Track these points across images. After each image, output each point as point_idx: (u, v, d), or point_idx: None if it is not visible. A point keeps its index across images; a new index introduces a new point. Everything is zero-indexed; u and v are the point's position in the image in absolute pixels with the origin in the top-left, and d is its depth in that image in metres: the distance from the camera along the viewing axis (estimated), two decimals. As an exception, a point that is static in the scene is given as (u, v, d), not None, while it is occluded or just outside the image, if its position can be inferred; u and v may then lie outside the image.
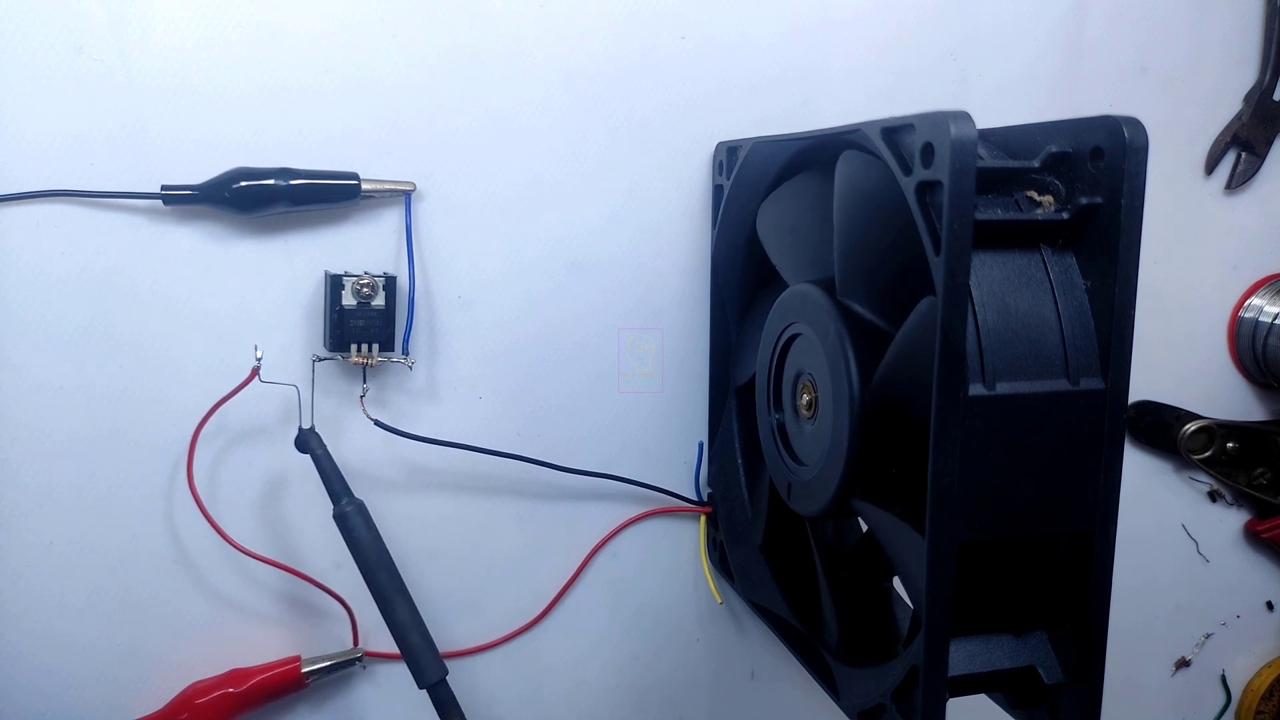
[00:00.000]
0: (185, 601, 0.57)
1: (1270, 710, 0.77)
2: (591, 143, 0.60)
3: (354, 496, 0.55)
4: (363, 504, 0.55)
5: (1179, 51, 0.69)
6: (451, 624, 0.62)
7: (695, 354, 0.63)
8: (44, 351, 0.53)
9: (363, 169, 0.56)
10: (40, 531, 0.55)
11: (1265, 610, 0.78)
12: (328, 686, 0.60)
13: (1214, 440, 0.73)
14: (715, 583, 0.65)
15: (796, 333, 0.49)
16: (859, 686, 0.47)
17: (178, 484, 0.56)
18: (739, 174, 0.57)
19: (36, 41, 0.51)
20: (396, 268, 0.57)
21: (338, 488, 0.54)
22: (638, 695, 0.66)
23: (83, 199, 0.53)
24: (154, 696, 0.57)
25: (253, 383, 0.53)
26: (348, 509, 0.54)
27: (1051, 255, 0.41)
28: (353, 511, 0.54)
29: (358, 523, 0.54)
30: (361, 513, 0.54)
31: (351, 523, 0.54)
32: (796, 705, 0.69)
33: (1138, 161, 0.38)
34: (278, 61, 0.55)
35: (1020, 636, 0.43)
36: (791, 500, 0.50)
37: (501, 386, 0.60)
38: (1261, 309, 0.72)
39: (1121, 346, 0.39)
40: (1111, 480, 0.40)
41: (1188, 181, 0.71)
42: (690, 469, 0.65)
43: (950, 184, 0.35)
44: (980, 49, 0.66)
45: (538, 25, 0.58)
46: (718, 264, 0.62)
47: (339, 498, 0.54)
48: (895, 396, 0.41)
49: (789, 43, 0.62)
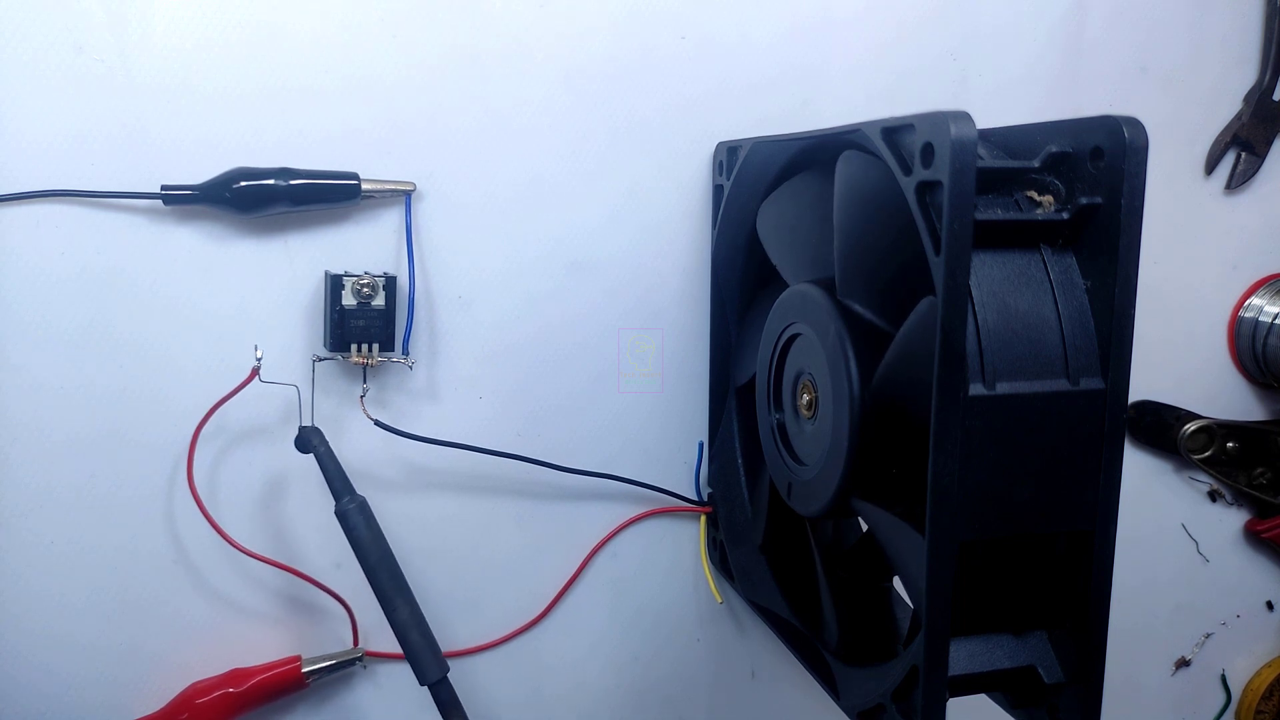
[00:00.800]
0: (185, 601, 0.57)
1: (1270, 710, 0.77)
2: (591, 143, 0.60)
3: (356, 494, 0.55)
4: (365, 501, 0.55)
5: (1179, 51, 0.69)
6: (451, 624, 0.62)
7: (695, 354, 0.63)
8: (44, 351, 0.53)
9: (363, 169, 0.56)
10: (40, 531, 0.55)
11: (1265, 610, 0.78)
12: (328, 686, 0.60)
13: (1214, 440, 0.72)
14: (715, 583, 0.65)
15: (797, 333, 0.49)
16: (859, 686, 0.47)
17: (178, 484, 0.56)
18: (739, 174, 0.57)
19: (36, 41, 0.51)
20: (396, 268, 0.57)
21: (339, 485, 0.54)
22: (638, 695, 0.66)
23: (83, 199, 0.53)
24: (154, 696, 0.57)
25: (253, 383, 0.53)
26: (349, 506, 0.54)
27: (1051, 255, 0.41)
28: (354, 509, 0.54)
29: (359, 520, 0.54)
30: (363, 510, 0.54)
31: (353, 520, 0.54)
32: (796, 705, 0.69)
33: (1138, 161, 0.38)
34: (278, 61, 0.55)
35: (1020, 636, 0.43)
36: (791, 500, 0.50)
37: (501, 386, 0.60)
38: (1261, 309, 0.72)
39: (1121, 346, 0.39)
40: (1111, 480, 0.40)
41: (1188, 181, 0.71)
42: (690, 469, 0.65)
43: (950, 184, 0.35)
44: (980, 49, 0.66)
45: (538, 25, 0.58)
46: (718, 264, 0.62)
47: (341, 495, 0.54)
48: (895, 396, 0.41)
49: (789, 43, 0.62)
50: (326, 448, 0.55)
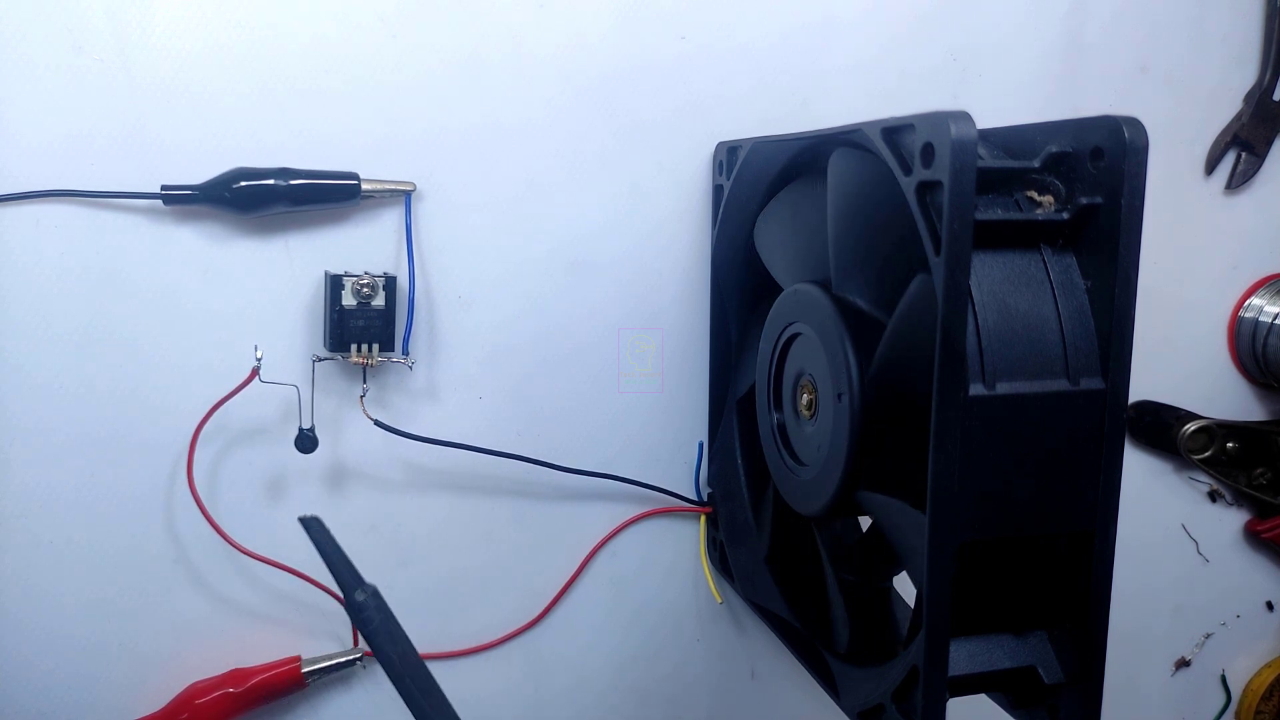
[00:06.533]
0: (185, 602, 0.57)
1: (1270, 710, 0.77)
2: (591, 143, 0.60)
3: (366, 583, 0.41)
4: (376, 590, 0.42)
5: (1179, 51, 0.69)
6: (451, 624, 0.62)
7: (695, 354, 0.63)
8: (44, 351, 0.53)
9: (363, 169, 0.56)
10: (40, 531, 0.55)
11: (1265, 610, 0.78)
12: (328, 686, 0.60)
13: (1214, 440, 0.72)
14: (715, 583, 0.65)
15: (796, 333, 0.49)
16: (859, 686, 0.47)
17: (178, 484, 0.56)
18: (739, 174, 0.57)
19: (36, 41, 0.51)
20: (396, 268, 0.57)
21: (347, 577, 0.41)
22: (638, 695, 0.66)
23: (83, 199, 0.53)
24: (154, 696, 0.57)
25: (253, 383, 0.53)
26: (359, 599, 0.41)
27: (1051, 255, 0.41)
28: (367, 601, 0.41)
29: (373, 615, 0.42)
30: (376, 599, 0.42)
31: (368, 615, 0.42)
32: (796, 705, 0.69)
33: (1138, 161, 0.38)
34: (278, 62, 0.55)
35: (1020, 636, 0.43)
36: (793, 501, 0.50)
37: (501, 386, 0.60)
38: (1261, 309, 0.72)
39: (1121, 346, 0.39)
40: (1111, 480, 0.40)
41: (1188, 181, 0.71)
42: (690, 469, 0.65)
43: (950, 184, 0.35)
44: (980, 49, 0.66)
45: (538, 25, 0.58)
46: (718, 264, 0.62)
47: (350, 588, 0.41)
48: (894, 381, 0.41)
49: (789, 43, 0.62)
50: (326, 535, 0.42)
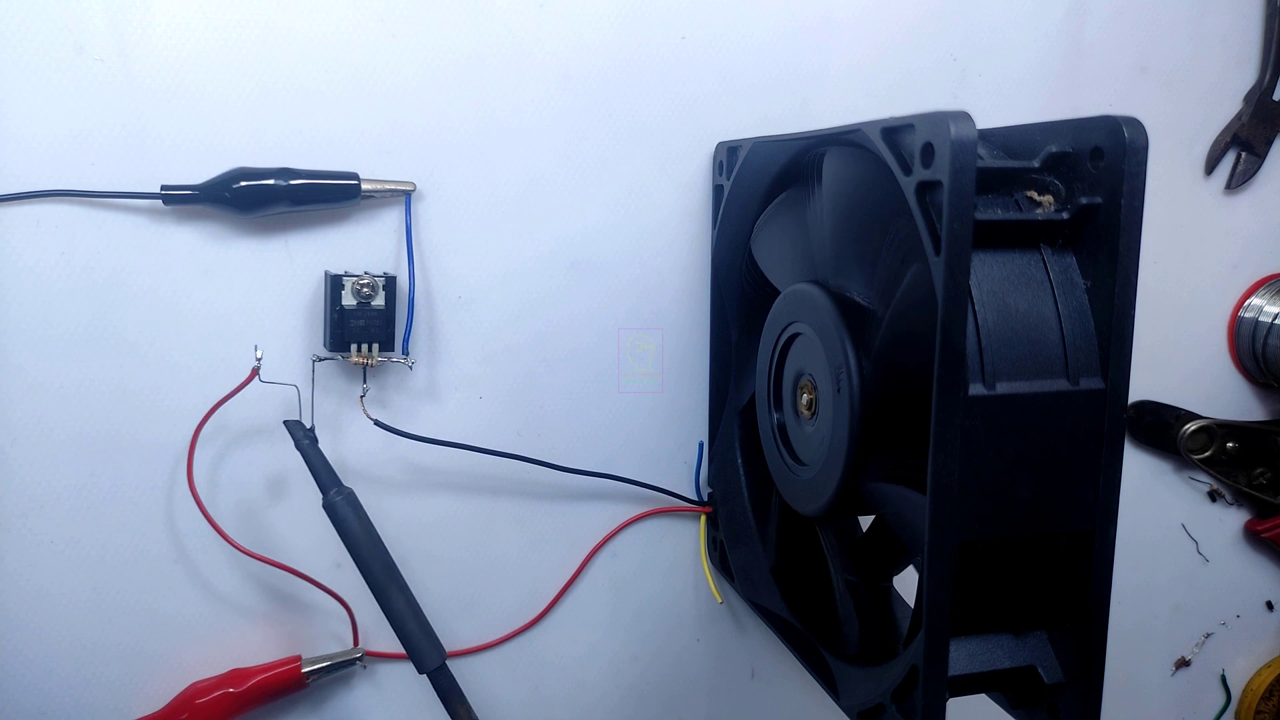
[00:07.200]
0: (185, 601, 0.57)
1: (1270, 710, 0.77)
2: (591, 143, 0.60)
3: (343, 486, 0.54)
4: (352, 493, 0.54)
5: (1179, 51, 0.69)
6: (451, 624, 0.62)
7: (695, 354, 0.63)
8: (44, 351, 0.53)
9: (363, 169, 0.56)
10: (40, 531, 0.55)
11: (1265, 610, 0.78)
12: (328, 686, 0.60)
13: (1214, 440, 0.73)
14: (715, 583, 0.65)
15: (796, 333, 0.49)
16: (859, 686, 0.47)
17: (178, 484, 0.56)
18: (739, 174, 0.57)
19: (36, 41, 0.51)
20: (396, 268, 0.57)
21: (325, 478, 0.54)
22: (638, 695, 0.66)
23: (83, 199, 0.53)
24: (154, 697, 0.57)
25: (253, 383, 0.53)
26: (336, 499, 0.53)
27: (1051, 255, 0.41)
28: (341, 501, 0.53)
29: (348, 513, 0.53)
30: (351, 502, 0.54)
31: (341, 512, 0.53)
32: (796, 705, 0.69)
33: (1138, 161, 0.38)
34: (278, 61, 0.55)
35: (1020, 636, 0.43)
36: (794, 501, 0.50)
37: (501, 386, 0.60)
38: (1261, 309, 0.72)
39: (1121, 346, 0.39)
40: (1111, 480, 0.40)
41: (1188, 181, 0.71)
42: (690, 469, 0.65)
43: (950, 184, 0.35)
44: (980, 49, 0.66)
45: (538, 25, 0.58)
46: (718, 264, 0.62)
47: (327, 487, 0.53)
48: (893, 373, 0.41)
49: (789, 43, 0.62)
50: (310, 440, 0.54)
